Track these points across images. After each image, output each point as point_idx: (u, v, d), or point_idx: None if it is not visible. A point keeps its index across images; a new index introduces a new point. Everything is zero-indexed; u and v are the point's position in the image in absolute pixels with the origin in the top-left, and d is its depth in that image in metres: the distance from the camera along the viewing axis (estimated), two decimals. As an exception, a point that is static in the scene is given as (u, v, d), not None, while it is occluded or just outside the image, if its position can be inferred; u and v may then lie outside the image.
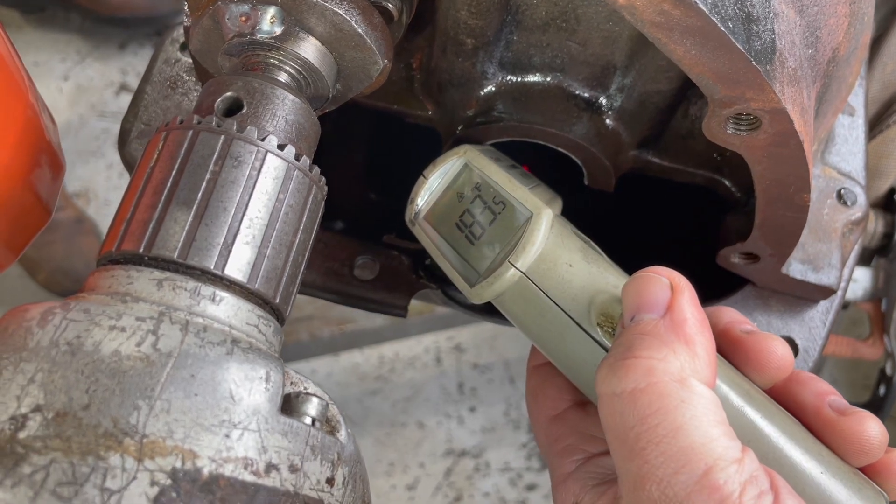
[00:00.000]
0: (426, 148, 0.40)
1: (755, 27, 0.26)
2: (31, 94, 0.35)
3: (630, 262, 0.35)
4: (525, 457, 1.35)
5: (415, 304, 1.09)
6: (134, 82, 1.58)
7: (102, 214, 1.46)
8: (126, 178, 1.47)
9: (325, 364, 1.37)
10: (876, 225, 0.62)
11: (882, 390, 0.64)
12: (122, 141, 0.40)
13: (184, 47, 0.43)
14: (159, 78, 0.42)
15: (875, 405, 0.64)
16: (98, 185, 1.49)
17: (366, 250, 0.40)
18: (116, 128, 1.48)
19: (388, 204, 0.49)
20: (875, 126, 0.58)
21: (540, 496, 1.33)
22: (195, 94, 0.42)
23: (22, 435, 0.21)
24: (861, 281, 0.62)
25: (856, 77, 0.38)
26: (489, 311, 0.41)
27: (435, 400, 1.40)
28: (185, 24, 0.34)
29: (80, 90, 1.60)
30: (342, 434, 0.25)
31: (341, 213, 0.45)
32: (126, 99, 1.56)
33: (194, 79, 0.43)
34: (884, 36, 0.54)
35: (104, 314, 0.23)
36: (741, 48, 0.26)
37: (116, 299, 0.23)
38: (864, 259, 0.63)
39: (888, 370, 0.63)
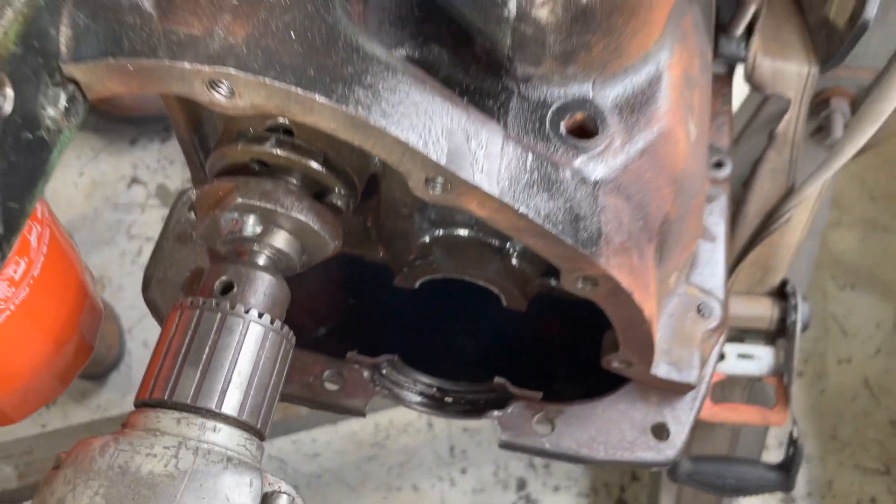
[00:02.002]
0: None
1: (582, 223, 0.39)
2: (79, 263, 0.48)
3: (547, 362, 0.46)
4: (517, 501, 1.44)
5: None
6: (144, 175, 1.72)
7: (117, 298, 1.59)
8: (137, 266, 1.60)
9: (324, 433, 1.48)
10: (773, 312, 0.73)
11: (791, 451, 0.75)
12: (146, 286, 0.53)
13: (192, 209, 0.56)
14: (173, 234, 0.55)
15: (786, 465, 0.75)
16: (112, 271, 1.62)
17: (333, 365, 0.52)
18: (129, 218, 1.61)
19: (362, 308, 0.61)
20: (762, 232, 0.70)
21: (528, 552, 1.41)
22: (199, 246, 0.55)
23: (92, 531, 0.32)
24: (765, 359, 0.74)
25: (696, 224, 0.50)
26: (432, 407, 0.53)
27: (428, 464, 1.50)
28: (195, 190, 0.46)
29: (94, 184, 1.74)
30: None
31: (325, 319, 0.57)
32: (136, 191, 1.71)
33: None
34: (756, 168, 0.66)
35: (142, 445, 0.35)
36: (569, 242, 0.38)
37: (150, 434, 0.35)
38: (768, 339, 0.75)
39: (794, 434, 0.74)
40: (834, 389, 1.56)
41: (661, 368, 0.50)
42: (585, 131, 0.41)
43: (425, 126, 0.34)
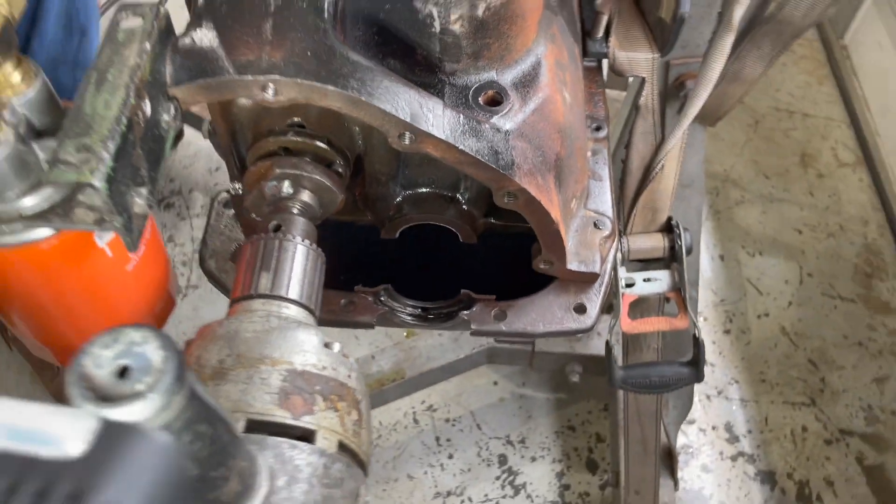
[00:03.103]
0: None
1: (500, 156, 0.61)
2: (159, 236, 0.68)
3: (499, 275, 0.67)
4: (500, 487, 1.63)
5: (387, 373, 1.43)
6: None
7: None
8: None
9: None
10: (664, 243, 0.96)
11: (696, 349, 0.97)
12: (202, 261, 0.73)
13: (226, 205, 0.77)
14: (214, 224, 0.75)
15: (694, 361, 0.97)
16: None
17: (347, 296, 0.72)
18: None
19: (364, 258, 0.82)
20: (644, 181, 0.93)
21: (523, 499, 1.60)
22: (236, 231, 0.75)
23: (224, 366, 0.52)
24: (664, 279, 0.96)
25: (582, 163, 0.73)
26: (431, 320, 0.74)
27: (418, 454, 1.68)
28: (228, 193, 0.67)
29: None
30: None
31: (341, 269, 0.77)
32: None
33: (233, 222, 0.76)
34: (631, 133, 0.90)
35: (244, 318, 0.55)
36: (494, 166, 0.60)
37: (247, 312, 0.56)
38: (665, 265, 0.97)
39: (696, 334, 0.97)
40: (757, 341, 1.80)
41: (574, 265, 0.72)
42: (495, 101, 0.64)
43: (395, 100, 0.56)
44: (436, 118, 0.58)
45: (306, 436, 0.51)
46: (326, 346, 0.56)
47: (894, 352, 1.77)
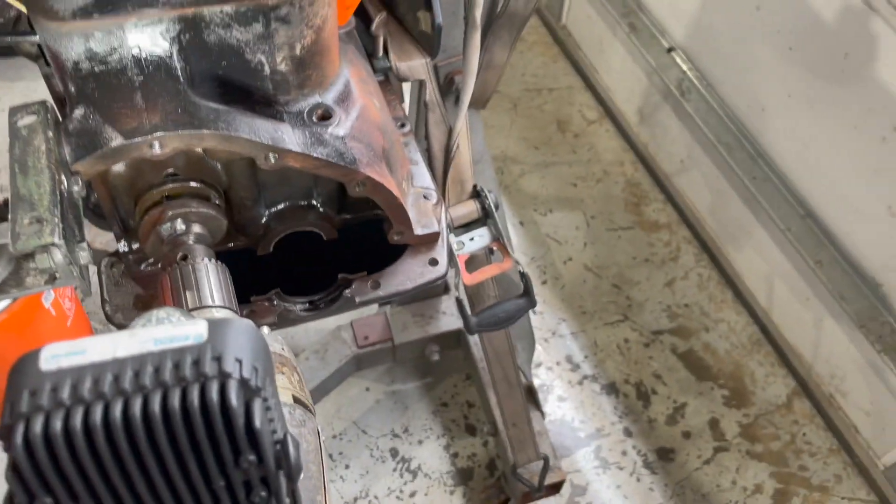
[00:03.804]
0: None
1: (344, 155, 0.78)
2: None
3: (365, 256, 0.84)
4: (399, 476, 1.78)
5: None
6: None
7: None
8: None
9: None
10: (476, 206, 1.18)
11: (524, 281, 1.19)
12: (109, 316, 0.82)
13: (112, 266, 0.87)
14: (108, 284, 0.85)
15: (525, 291, 1.19)
16: None
17: (246, 307, 0.85)
18: None
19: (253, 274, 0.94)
20: (447, 161, 1.14)
21: (422, 498, 1.75)
22: (129, 285, 0.86)
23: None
24: (485, 235, 1.18)
25: (402, 152, 0.92)
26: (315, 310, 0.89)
27: (317, 474, 1.78)
28: (114, 254, 0.79)
29: None
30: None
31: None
32: None
33: (122, 279, 0.86)
34: (427, 125, 1.11)
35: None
36: (342, 165, 0.77)
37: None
38: (482, 223, 1.19)
39: (521, 269, 1.19)
40: (570, 282, 2.10)
41: (419, 230, 0.91)
42: (326, 117, 0.81)
43: (256, 131, 0.72)
44: (289, 137, 0.74)
45: (268, 398, 0.65)
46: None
47: (673, 258, 2.15)
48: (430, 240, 0.92)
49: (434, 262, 0.91)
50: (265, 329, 0.70)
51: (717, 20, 1.87)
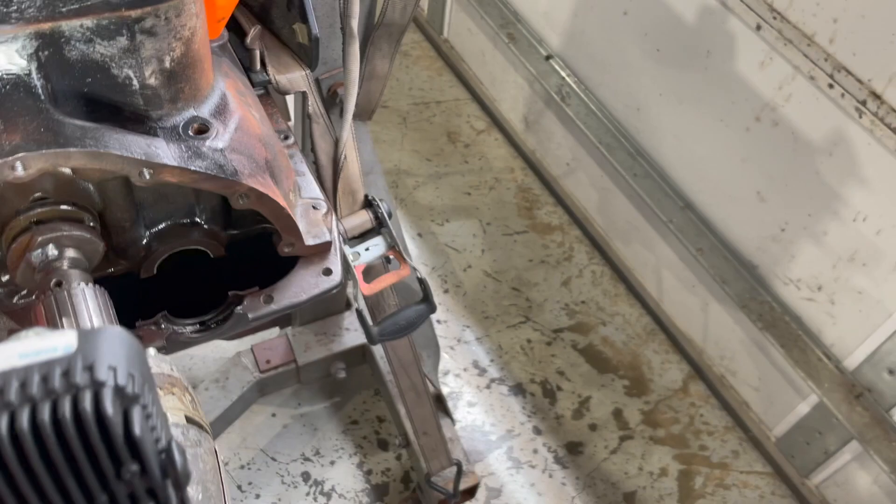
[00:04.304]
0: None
1: (224, 168, 0.76)
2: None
3: (256, 271, 0.82)
4: (313, 500, 1.74)
5: None
6: None
7: None
8: None
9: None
10: (370, 215, 1.18)
11: (422, 287, 1.20)
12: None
13: (-18, 302, 0.81)
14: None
15: (425, 297, 1.20)
16: None
17: (132, 332, 0.82)
18: None
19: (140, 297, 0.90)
20: (336, 172, 1.14)
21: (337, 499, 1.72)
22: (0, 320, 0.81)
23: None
24: (381, 244, 1.18)
25: (286, 163, 0.91)
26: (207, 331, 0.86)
27: (227, 508, 1.72)
28: None
29: None
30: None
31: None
32: None
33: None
34: (312, 136, 1.10)
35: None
36: (223, 177, 0.75)
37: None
38: (377, 232, 1.19)
39: (419, 275, 1.20)
40: (471, 289, 2.13)
41: (310, 240, 0.90)
42: (203, 130, 0.79)
43: (128, 146, 0.69)
44: (164, 152, 0.72)
45: (158, 420, 0.62)
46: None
47: (567, 258, 2.22)
48: (322, 250, 0.92)
49: (328, 272, 0.91)
50: (151, 350, 0.67)
51: (588, 27, 1.95)
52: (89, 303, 0.68)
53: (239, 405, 1.72)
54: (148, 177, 0.71)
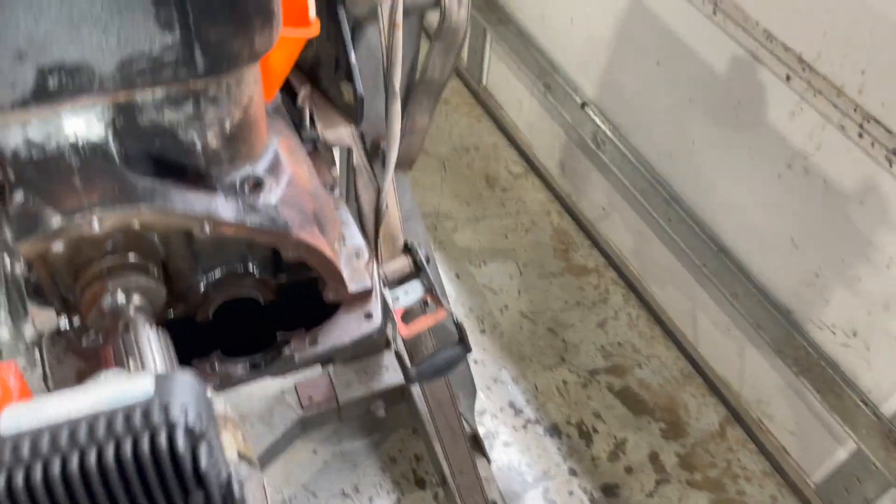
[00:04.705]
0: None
1: (277, 222, 0.83)
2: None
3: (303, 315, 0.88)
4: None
5: None
6: None
7: None
8: None
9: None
10: (408, 260, 1.24)
11: (458, 330, 1.25)
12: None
13: (54, 342, 0.89)
14: (50, 359, 0.87)
15: (460, 339, 1.25)
16: None
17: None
18: None
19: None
20: (378, 220, 1.21)
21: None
22: (72, 358, 0.88)
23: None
24: (419, 288, 1.24)
25: (333, 214, 0.97)
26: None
27: (269, 542, 1.77)
28: (57, 331, 0.82)
29: None
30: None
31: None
32: None
33: (64, 353, 0.89)
34: (356, 186, 1.17)
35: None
36: (275, 230, 0.82)
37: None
38: (414, 276, 1.25)
39: (455, 319, 1.25)
40: (507, 330, 2.17)
41: (352, 287, 0.96)
42: (258, 186, 0.86)
43: (190, 203, 0.76)
44: (223, 208, 0.79)
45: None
46: (201, 392, 0.73)
47: (603, 300, 2.24)
48: (364, 296, 0.98)
49: (369, 316, 0.97)
50: (207, 388, 0.73)
51: (623, 76, 2.01)
52: (153, 345, 0.74)
53: (283, 441, 1.78)
54: (208, 231, 0.78)
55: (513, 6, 2.41)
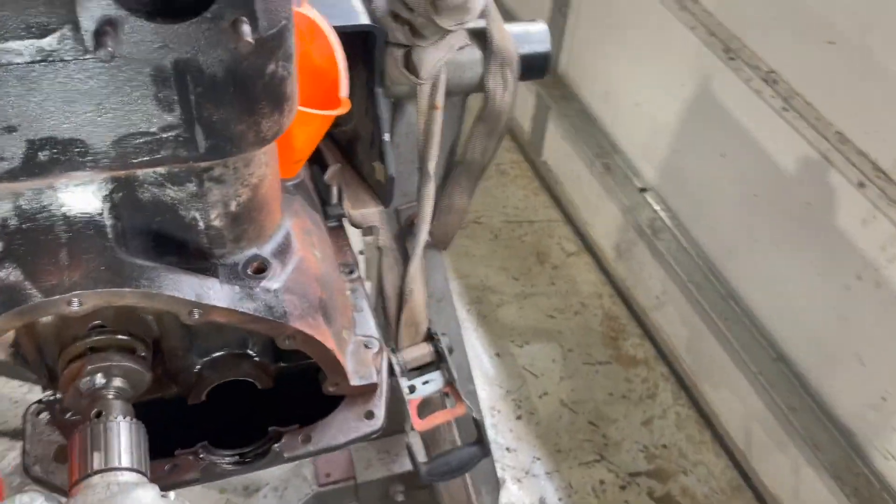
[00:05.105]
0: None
1: (273, 309, 0.78)
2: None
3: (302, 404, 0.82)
4: None
5: None
6: None
7: None
8: None
9: None
10: (430, 349, 1.17)
11: (476, 429, 1.16)
12: (27, 468, 0.80)
13: (39, 414, 0.85)
14: (31, 433, 0.83)
15: (479, 440, 1.16)
16: None
17: (169, 462, 0.83)
18: None
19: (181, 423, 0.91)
20: (401, 304, 1.14)
21: None
22: (54, 435, 0.84)
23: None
24: (438, 379, 1.16)
25: (343, 300, 0.92)
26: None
27: None
28: (41, 402, 0.77)
29: None
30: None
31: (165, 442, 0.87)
32: None
33: (49, 428, 0.85)
34: (380, 268, 1.12)
35: (88, 493, 0.65)
36: (270, 319, 0.76)
37: (88, 488, 0.66)
38: (434, 366, 1.17)
39: (475, 417, 1.16)
40: (545, 418, 2.06)
41: (355, 380, 0.90)
42: (261, 270, 0.81)
43: (180, 287, 0.72)
44: (215, 293, 0.74)
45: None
46: (163, 496, 0.67)
47: (651, 396, 2.11)
48: (368, 391, 0.91)
49: (370, 416, 0.90)
50: (171, 494, 0.67)
51: (686, 164, 1.92)
52: (122, 438, 0.69)
53: (295, 516, 1.70)
54: (198, 316, 0.73)
55: (578, 83, 2.36)
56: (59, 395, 0.82)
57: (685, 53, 1.81)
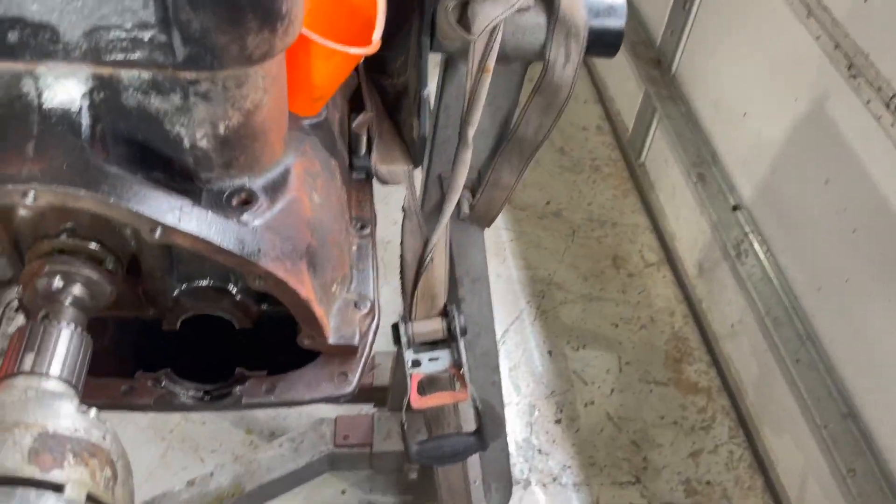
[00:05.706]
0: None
1: (246, 245, 0.73)
2: None
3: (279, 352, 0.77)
4: None
5: (226, 488, 1.46)
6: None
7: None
8: None
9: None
10: (443, 325, 1.10)
11: (478, 419, 1.09)
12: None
13: (17, 310, 0.84)
14: (4, 328, 0.82)
15: (478, 430, 1.09)
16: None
17: (128, 382, 0.80)
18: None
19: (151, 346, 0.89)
20: (419, 273, 1.08)
21: None
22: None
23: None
24: (446, 358, 1.09)
25: (339, 253, 0.86)
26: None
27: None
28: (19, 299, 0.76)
29: None
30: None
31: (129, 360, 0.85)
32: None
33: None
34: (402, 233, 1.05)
35: (5, 393, 0.62)
36: (238, 253, 0.72)
37: (8, 388, 0.63)
38: (445, 343, 1.10)
39: (478, 405, 1.09)
40: (586, 427, 1.95)
41: (333, 338, 0.84)
42: (246, 202, 0.76)
43: (144, 201, 0.68)
44: (183, 215, 0.70)
45: (56, 488, 0.58)
46: (83, 412, 0.64)
47: (705, 428, 1.96)
48: (346, 352, 0.85)
49: (343, 378, 0.84)
50: (92, 411, 0.64)
51: (785, 186, 1.74)
52: (59, 346, 0.67)
53: (307, 471, 1.68)
54: (158, 236, 0.69)
55: (689, 86, 2.20)
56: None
57: (805, 64, 1.63)
